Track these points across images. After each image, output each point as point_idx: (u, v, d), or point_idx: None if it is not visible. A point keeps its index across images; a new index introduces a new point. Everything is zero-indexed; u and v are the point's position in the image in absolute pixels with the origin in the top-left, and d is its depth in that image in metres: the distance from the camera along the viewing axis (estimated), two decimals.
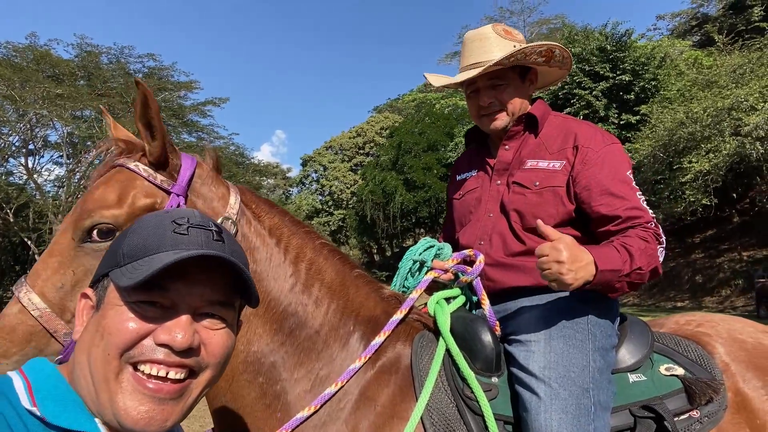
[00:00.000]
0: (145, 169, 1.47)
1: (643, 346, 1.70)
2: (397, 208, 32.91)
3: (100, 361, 0.79)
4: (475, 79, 1.87)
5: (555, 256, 1.45)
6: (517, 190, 1.79)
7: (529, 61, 1.87)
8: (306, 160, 51.68)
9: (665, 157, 19.06)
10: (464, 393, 1.48)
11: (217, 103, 31.14)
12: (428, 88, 44.59)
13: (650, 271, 1.60)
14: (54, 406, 0.79)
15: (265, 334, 1.52)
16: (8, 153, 26.77)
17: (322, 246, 1.68)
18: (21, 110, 24.59)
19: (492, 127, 1.89)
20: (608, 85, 23.00)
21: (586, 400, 1.48)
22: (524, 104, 1.92)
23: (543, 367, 1.52)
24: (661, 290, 23.50)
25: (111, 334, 0.79)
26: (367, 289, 1.68)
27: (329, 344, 1.55)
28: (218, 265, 0.84)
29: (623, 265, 1.54)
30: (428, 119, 35.29)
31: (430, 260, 1.88)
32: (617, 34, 23.86)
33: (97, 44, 27.76)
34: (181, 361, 0.80)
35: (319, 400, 1.45)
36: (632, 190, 1.71)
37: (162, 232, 0.83)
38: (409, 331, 1.65)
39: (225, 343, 0.87)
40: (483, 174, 1.95)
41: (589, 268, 1.49)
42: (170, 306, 0.82)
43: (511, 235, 1.78)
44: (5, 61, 24.19)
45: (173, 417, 0.81)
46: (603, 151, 1.75)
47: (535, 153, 1.83)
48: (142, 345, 0.79)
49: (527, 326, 1.64)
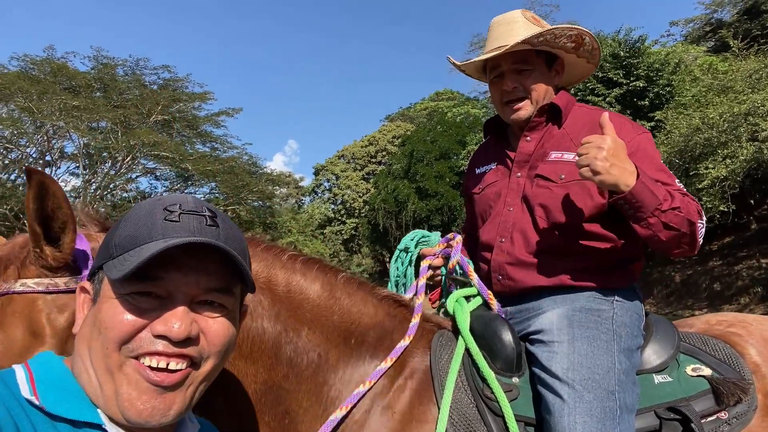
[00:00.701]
0: (39, 282, 1.14)
1: (668, 347, 1.66)
2: (410, 216, 32.84)
3: (100, 354, 0.78)
4: (499, 62, 1.81)
5: (598, 143, 1.43)
6: (542, 184, 1.74)
7: (558, 45, 1.80)
8: (318, 170, 51.89)
9: (681, 163, 18.85)
10: (484, 393, 1.45)
11: (231, 113, 31.41)
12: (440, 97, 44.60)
13: (688, 222, 1.52)
14: (55, 396, 0.78)
15: (260, 373, 1.40)
16: (26, 164, 27.18)
17: (292, 260, 1.53)
18: (38, 122, 25.00)
19: (515, 118, 1.83)
20: (622, 91, 22.85)
21: (611, 402, 1.43)
22: (549, 93, 1.85)
23: (566, 369, 1.48)
24: (678, 298, 23.14)
25: (107, 328, 0.78)
26: (361, 294, 1.60)
27: (339, 368, 1.47)
28: (212, 251, 0.81)
29: (663, 199, 1.48)
30: (440, 127, 35.27)
31: (414, 246, 1.88)
32: (630, 40, 23.74)
33: (113, 56, 28.22)
34: (180, 351, 0.79)
35: (326, 428, 1.36)
36: (671, 177, 1.66)
37: (152, 220, 0.81)
38: (421, 333, 1.60)
39: (225, 331, 0.85)
40: (502, 167, 1.90)
41: (626, 174, 1.45)
42: (166, 296, 0.80)
43: (534, 231, 1.73)
44: (23, 73, 24.66)
45: (176, 406, 0.80)
46: (636, 140, 1.70)
47: (560, 145, 1.77)
48: (140, 337, 0.78)
49: (550, 326, 1.60)
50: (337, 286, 1.56)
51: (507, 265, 1.74)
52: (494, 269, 1.79)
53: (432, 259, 1.84)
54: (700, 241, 1.57)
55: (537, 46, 1.77)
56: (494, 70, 1.86)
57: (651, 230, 1.50)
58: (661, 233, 1.50)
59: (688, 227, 1.52)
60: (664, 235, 1.51)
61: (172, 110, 28.88)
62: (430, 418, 1.42)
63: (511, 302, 1.76)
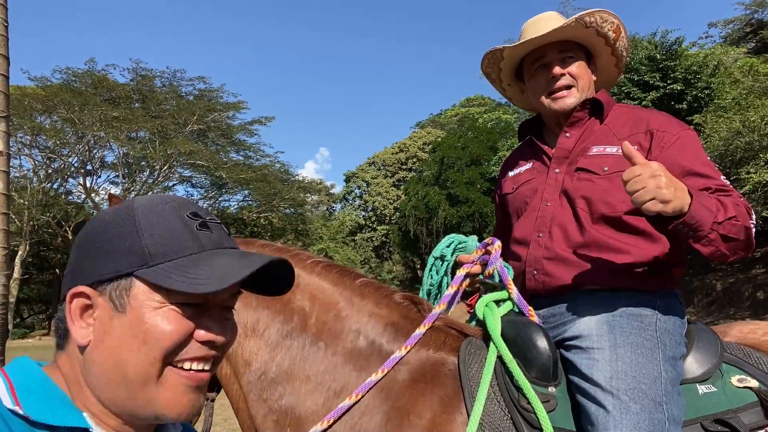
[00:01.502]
0: None
1: (712, 355, 1.58)
2: (441, 223, 32.67)
3: (142, 365, 0.78)
4: (545, 51, 1.78)
5: (650, 172, 1.33)
6: (584, 177, 1.68)
7: (603, 30, 1.77)
8: (349, 177, 52.14)
9: (722, 168, 18.25)
10: (520, 404, 1.38)
11: (263, 122, 31.92)
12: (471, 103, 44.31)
13: (744, 228, 1.45)
14: (38, 404, 0.77)
15: (261, 351, 1.53)
16: (68, 173, 28.16)
17: (314, 264, 1.63)
18: (80, 132, 25.86)
19: (561, 105, 1.77)
20: (659, 94, 22.31)
21: (659, 414, 1.36)
22: (591, 85, 1.82)
23: (610, 378, 1.40)
24: (719, 307, 22.36)
25: (158, 339, 0.78)
26: (375, 296, 1.60)
27: (346, 363, 1.50)
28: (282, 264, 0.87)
29: (717, 211, 1.40)
30: (471, 133, 35.06)
31: (450, 254, 1.81)
32: (667, 42, 23.17)
33: (151, 68, 29.05)
34: (214, 354, 0.83)
35: (335, 414, 1.41)
36: (718, 173, 1.59)
37: (181, 226, 0.82)
38: (444, 338, 1.56)
39: (234, 332, 0.89)
40: (539, 164, 1.84)
41: (684, 194, 1.36)
42: (203, 302, 0.82)
43: (574, 225, 1.66)
44: (66, 86, 25.54)
45: (201, 400, 0.85)
46: (681, 133, 1.65)
47: (601, 140, 1.72)
48: (189, 345, 0.81)
49: (588, 331, 1.52)
50: (350, 289, 1.59)
51: (544, 259, 1.67)
52: (530, 264, 1.71)
53: (470, 267, 1.74)
54: (753, 243, 1.51)
55: (589, 26, 1.74)
56: (537, 61, 1.81)
57: (713, 246, 1.43)
58: (722, 247, 1.43)
59: (745, 234, 1.46)
60: (726, 249, 1.44)
61: (207, 120, 29.51)
62: (455, 427, 1.37)
63: (545, 303, 1.69)
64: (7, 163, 3.06)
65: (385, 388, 1.44)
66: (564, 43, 1.78)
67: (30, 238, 24.63)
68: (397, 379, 1.45)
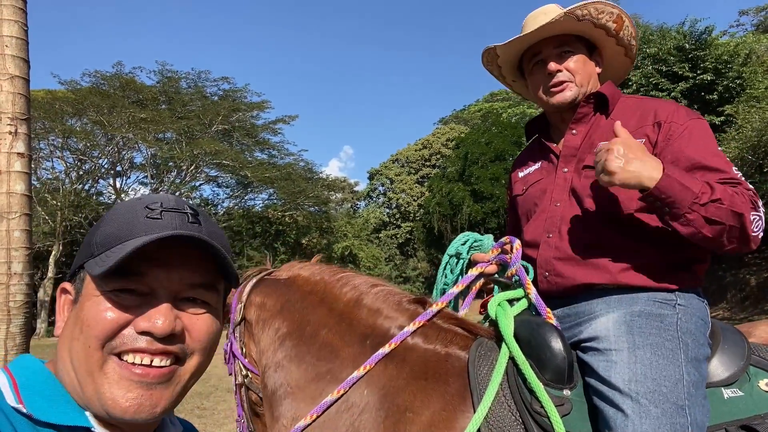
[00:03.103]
0: None
1: (738, 358, 1.50)
2: (465, 219, 32.48)
3: (82, 354, 0.77)
4: (541, 48, 1.74)
5: (607, 145, 1.37)
6: (591, 174, 1.62)
7: (600, 22, 1.71)
8: (373, 174, 52.20)
9: (755, 159, 17.74)
10: (532, 407, 1.31)
11: (287, 120, 32.16)
12: (494, 98, 43.97)
13: (732, 214, 1.38)
14: (42, 402, 0.76)
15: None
16: (98, 174, 28.79)
17: (332, 273, 1.70)
18: (109, 134, 26.41)
19: (559, 100, 1.73)
20: (688, 85, 21.77)
21: (681, 418, 1.29)
22: (593, 80, 1.77)
23: (628, 380, 1.34)
24: (754, 303, 21.73)
25: (89, 326, 0.77)
26: (387, 301, 1.60)
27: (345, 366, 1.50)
28: (195, 247, 0.80)
29: (700, 192, 1.36)
30: (495, 129, 34.75)
31: (466, 252, 1.76)
32: (696, 32, 22.57)
33: (176, 70, 29.52)
34: (164, 348, 0.78)
35: (319, 408, 1.42)
36: (728, 164, 1.52)
37: (134, 218, 0.80)
38: (450, 337, 1.52)
39: (209, 327, 0.85)
40: (547, 164, 1.80)
41: (648, 168, 1.36)
42: (149, 292, 0.79)
43: (585, 224, 1.61)
44: (95, 89, 26.12)
45: (163, 402, 0.79)
46: (689, 123, 1.58)
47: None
48: (123, 334, 0.77)
49: (605, 332, 1.46)
50: (367, 294, 1.60)
51: (555, 260, 1.63)
52: (540, 265, 1.67)
53: (485, 266, 1.69)
54: (754, 235, 1.42)
55: (581, 18, 1.69)
56: (534, 57, 1.78)
57: (693, 227, 1.39)
58: (704, 229, 1.38)
59: (734, 220, 1.39)
60: (709, 231, 1.39)
61: (231, 120, 29.87)
62: (454, 425, 1.32)
63: (559, 304, 1.63)
64: (29, 165, 3.11)
65: (385, 386, 1.41)
66: (561, 37, 1.73)
67: (63, 239, 25.26)
68: (397, 376, 1.42)
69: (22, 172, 3.00)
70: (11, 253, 3.06)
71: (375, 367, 1.45)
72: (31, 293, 3.30)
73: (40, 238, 24.21)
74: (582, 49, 1.76)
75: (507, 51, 1.83)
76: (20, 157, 2.99)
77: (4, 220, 3.00)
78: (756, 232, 1.43)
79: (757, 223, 1.43)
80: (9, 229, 3.02)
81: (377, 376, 1.43)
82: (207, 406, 7.83)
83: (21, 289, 3.12)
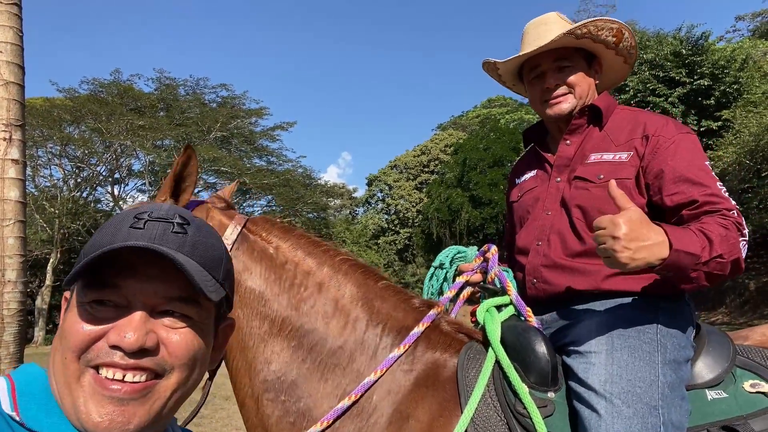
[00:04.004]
0: None
1: (723, 360, 1.52)
2: (464, 225, 32.52)
3: (59, 365, 0.76)
4: (539, 61, 1.76)
5: (611, 230, 1.29)
6: (580, 185, 1.66)
7: (600, 38, 1.73)
8: (371, 180, 52.28)
9: (752, 164, 17.80)
10: (516, 409, 1.36)
11: (285, 127, 32.25)
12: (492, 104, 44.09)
13: (731, 262, 1.40)
14: (36, 411, 0.75)
15: (284, 352, 1.51)
16: (96, 182, 28.83)
17: (342, 262, 1.64)
18: (107, 142, 26.45)
19: (557, 111, 1.76)
20: (685, 90, 21.85)
21: (653, 418, 1.32)
22: (591, 91, 1.79)
23: (604, 381, 1.37)
24: (753, 307, 21.72)
25: (65, 337, 0.76)
26: (394, 300, 1.60)
27: (355, 358, 1.49)
28: (169, 259, 0.76)
29: (701, 251, 1.34)
30: (493, 134, 34.83)
31: (449, 262, 1.80)
32: (693, 37, 22.68)
33: (174, 77, 29.59)
34: (136, 363, 0.75)
35: (332, 415, 1.41)
36: (712, 179, 1.54)
37: (119, 227, 0.78)
38: (449, 342, 1.55)
39: (188, 343, 0.79)
40: (542, 173, 1.83)
41: (655, 250, 1.30)
42: (125, 305, 0.77)
43: (571, 233, 1.64)
44: (93, 96, 26.18)
45: (136, 420, 0.75)
46: (677, 137, 1.60)
47: (600, 146, 1.70)
48: (97, 347, 0.75)
49: (587, 335, 1.49)
50: (373, 290, 1.60)
51: (542, 267, 1.66)
52: (529, 272, 1.71)
53: (470, 275, 1.75)
54: (743, 267, 1.46)
55: (581, 37, 1.71)
56: (533, 70, 1.81)
57: (695, 283, 1.40)
58: (705, 282, 1.40)
59: (732, 267, 1.42)
60: (709, 283, 1.41)
61: (230, 127, 29.90)
62: (452, 429, 1.35)
63: (546, 310, 1.66)
64: (23, 172, 3.13)
65: (392, 392, 1.44)
66: (560, 51, 1.74)
67: (61, 246, 25.26)
68: (402, 382, 1.45)
69: (17, 179, 3.01)
70: (5, 260, 3.07)
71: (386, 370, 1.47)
72: (26, 301, 3.29)
73: (38, 245, 24.22)
74: (581, 61, 1.78)
75: (506, 65, 1.87)
76: (14, 163, 3.00)
77: None
78: (743, 256, 1.45)
79: (744, 249, 1.46)
80: (3, 236, 3.03)
81: (387, 381, 1.46)
82: (205, 414, 7.81)
83: (15, 297, 3.12)
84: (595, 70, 1.82)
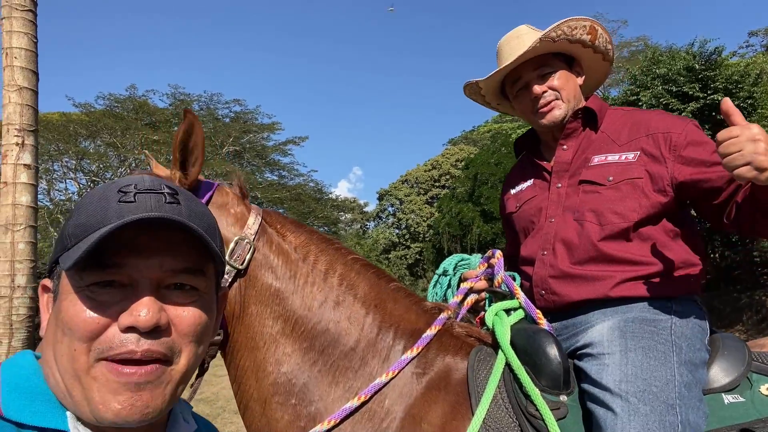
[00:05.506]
0: None
1: (738, 364, 1.48)
2: (475, 239, 32.37)
3: (66, 358, 0.72)
4: (521, 73, 1.76)
5: (749, 135, 1.20)
6: (589, 189, 1.64)
7: (575, 37, 1.73)
8: (382, 195, 52.34)
9: None
10: (528, 411, 1.32)
11: (297, 141, 32.48)
12: (503, 118, 44.06)
13: None
14: (21, 404, 0.72)
15: (295, 354, 1.44)
16: None
17: (354, 261, 1.60)
18: (122, 156, 26.80)
19: (549, 119, 1.75)
20: (699, 105, 21.64)
21: (671, 417, 1.28)
22: (578, 93, 1.79)
23: (619, 381, 1.34)
24: None
25: (71, 328, 0.71)
26: (406, 302, 1.57)
27: (367, 361, 1.44)
28: (174, 229, 0.74)
29: None
30: (504, 149, 34.77)
31: (452, 269, 1.79)
32: (706, 52, 22.54)
33: (188, 93, 29.98)
34: (150, 345, 0.72)
35: (340, 414, 1.36)
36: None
37: (106, 204, 0.74)
38: (460, 345, 1.52)
39: (198, 318, 0.78)
40: (539, 181, 1.81)
41: None
42: (129, 284, 0.73)
43: (578, 240, 1.61)
44: (108, 111, 26.58)
45: (154, 403, 0.73)
46: (687, 129, 1.60)
47: (601, 148, 1.68)
48: (108, 335, 0.72)
49: (599, 338, 1.46)
50: (386, 291, 1.56)
51: (550, 278, 1.64)
52: (536, 284, 1.68)
53: (474, 281, 1.72)
54: None
55: (557, 40, 1.71)
56: (516, 83, 1.81)
57: None
58: None
59: None
60: None
61: (242, 141, 30.18)
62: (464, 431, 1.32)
63: (557, 318, 1.64)
64: (35, 177, 3.15)
65: (404, 395, 1.40)
66: (538, 59, 1.75)
67: None
68: (415, 386, 1.42)
69: (28, 184, 3.04)
70: (15, 265, 3.08)
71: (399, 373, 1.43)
72: (35, 306, 3.30)
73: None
74: (561, 64, 1.79)
75: (487, 82, 1.86)
76: (26, 168, 3.02)
77: (8, 231, 3.02)
78: None
79: None
80: (14, 241, 3.04)
81: (399, 385, 1.42)
82: None
83: (24, 303, 3.13)
84: (576, 71, 1.83)
